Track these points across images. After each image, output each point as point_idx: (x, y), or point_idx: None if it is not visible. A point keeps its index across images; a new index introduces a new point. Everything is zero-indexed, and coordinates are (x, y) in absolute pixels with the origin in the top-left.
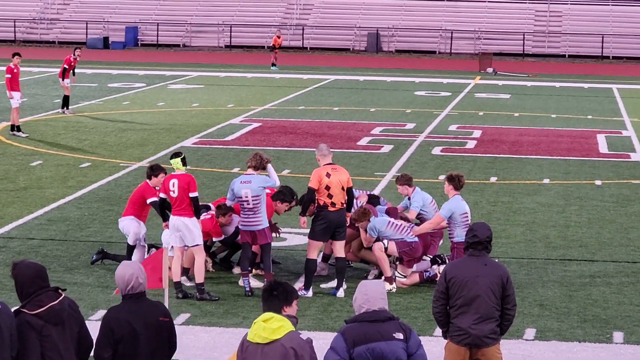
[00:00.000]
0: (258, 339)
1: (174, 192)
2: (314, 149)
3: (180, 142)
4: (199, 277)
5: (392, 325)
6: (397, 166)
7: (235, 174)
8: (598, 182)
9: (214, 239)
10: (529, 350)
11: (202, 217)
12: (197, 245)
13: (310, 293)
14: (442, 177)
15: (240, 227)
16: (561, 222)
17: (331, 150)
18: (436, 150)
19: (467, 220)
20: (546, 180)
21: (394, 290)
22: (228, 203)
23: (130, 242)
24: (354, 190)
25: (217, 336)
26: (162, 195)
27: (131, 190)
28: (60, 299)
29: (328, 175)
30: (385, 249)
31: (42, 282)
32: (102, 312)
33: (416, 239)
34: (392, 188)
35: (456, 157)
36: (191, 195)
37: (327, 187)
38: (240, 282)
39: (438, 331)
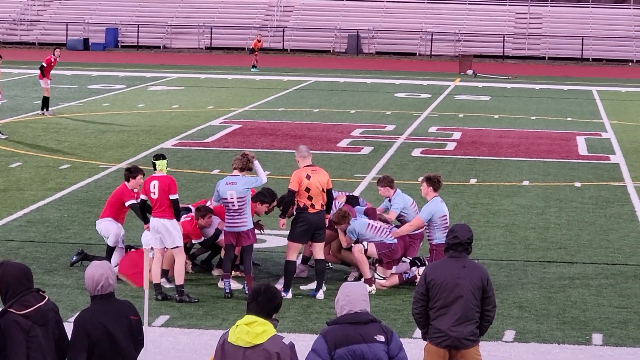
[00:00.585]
0: (241, 342)
1: (154, 194)
2: (294, 151)
3: (160, 143)
4: (179, 279)
5: (374, 327)
6: (377, 168)
7: (215, 175)
8: (577, 184)
9: (194, 241)
10: (508, 352)
11: (181, 219)
12: (177, 247)
13: (289, 295)
14: (421, 179)
15: (224, 228)
16: (541, 223)
17: (311, 151)
18: (416, 152)
19: (446, 223)
20: (526, 182)
21: (374, 292)
22: (213, 204)
23: (111, 244)
24: (333, 191)
25: (197, 338)
26: (142, 197)
27: (111, 192)
28: (46, 300)
29: (308, 177)
30: (365, 250)
31: (29, 283)
32: None
33: (395, 240)
34: (372, 190)
35: (436, 158)
36: (171, 197)
37: (307, 189)
38: (220, 284)
39: (417, 333)
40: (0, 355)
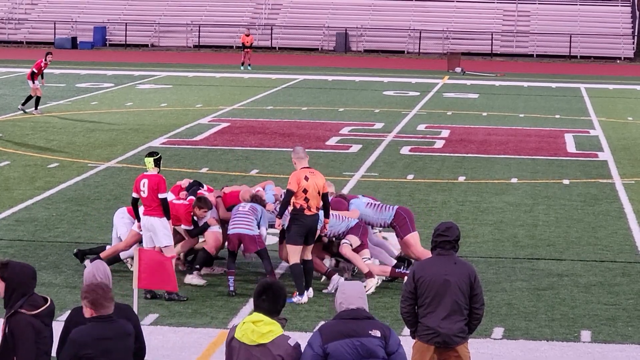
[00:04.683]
0: (246, 340)
1: (144, 192)
2: (283, 149)
3: (148, 142)
4: None
5: (370, 323)
6: (365, 166)
7: (204, 174)
8: (566, 182)
9: (183, 227)
10: (497, 349)
11: (181, 200)
12: (167, 246)
13: (305, 298)
14: (410, 177)
15: (228, 232)
16: (529, 221)
17: None
18: (405, 150)
19: (375, 204)
20: (514, 180)
21: (379, 282)
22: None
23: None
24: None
25: (186, 336)
26: (134, 195)
27: (100, 190)
28: (50, 300)
29: (306, 178)
30: (351, 245)
31: (34, 284)
32: None
33: (357, 220)
34: (361, 188)
35: (424, 156)
36: (160, 196)
37: (305, 191)
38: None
39: (406, 331)
40: (8, 356)
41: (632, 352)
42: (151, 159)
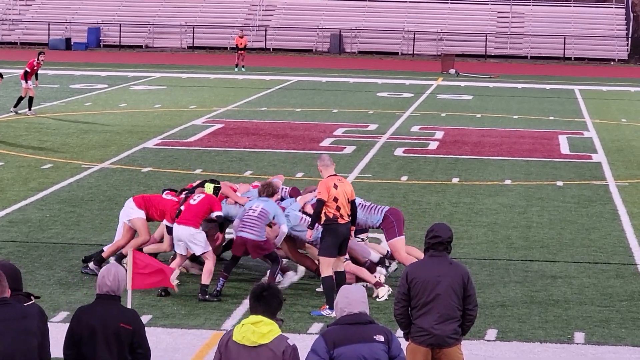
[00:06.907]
0: (246, 342)
1: (194, 201)
2: (277, 150)
3: (142, 143)
4: (206, 279)
5: (373, 328)
6: (359, 167)
7: (197, 175)
8: (559, 183)
9: (165, 222)
10: (491, 350)
11: (168, 197)
12: (204, 252)
13: (334, 312)
14: (404, 178)
15: (236, 234)
16: (523, 222)
17: (294, 152)
18: (398, 152)
19: (365, 205)
20: (508, 181)
21: (390, 290)
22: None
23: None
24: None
25: (179, 338)
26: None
27: (93, 191)
28: (31, 302)
29: (335, 186)
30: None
31: (20, 284)
32: (63, 314)
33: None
34: (355, 189)
35: (418, 158)
36: (215, 214)
37: (335, 199)
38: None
39: (399, 333)
40: None
41: (626, 354)
42: (212, 186)
